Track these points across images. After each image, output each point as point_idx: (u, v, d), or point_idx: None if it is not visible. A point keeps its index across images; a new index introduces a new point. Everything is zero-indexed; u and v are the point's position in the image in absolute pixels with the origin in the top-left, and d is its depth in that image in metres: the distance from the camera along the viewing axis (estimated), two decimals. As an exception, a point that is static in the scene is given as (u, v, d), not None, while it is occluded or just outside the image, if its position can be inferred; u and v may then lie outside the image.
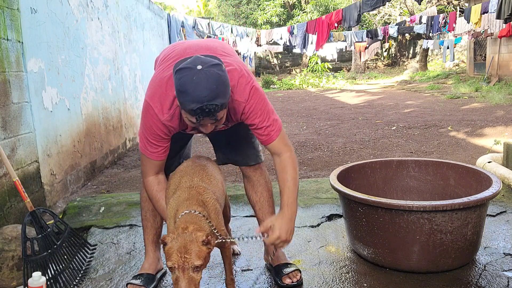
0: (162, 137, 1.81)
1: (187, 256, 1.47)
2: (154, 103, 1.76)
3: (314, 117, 8.96)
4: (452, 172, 2.52)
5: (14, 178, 2.26)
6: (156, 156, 1.86)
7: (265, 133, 1.84)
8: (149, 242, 2.15)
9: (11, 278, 2.16)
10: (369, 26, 22.83)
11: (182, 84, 1.54)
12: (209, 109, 1.53)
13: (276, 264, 2.09)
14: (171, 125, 1.78)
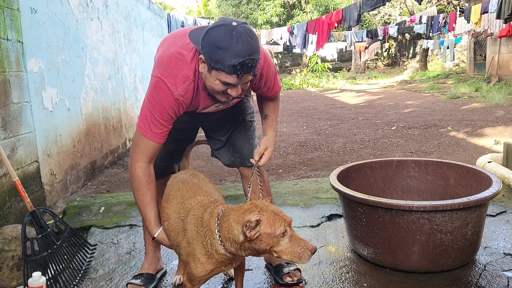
0: (171, 116, 1.76)
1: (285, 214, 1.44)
2: (167, 78, 1.71)
3: (314, 117, 8.96)
4: (452, 172, 2.52)
5: (14, 178, 2.26)
6: (158, 138, 1.79)
7: (272, 92, 2.00)
8: (149, 242, 2.14)
9: (11, 278, 2.16)
10: (369, 26, 22.83)
11: (221, 40, 1.51)
12: (250, 64, 1.53)
13: (276, 263, 2.09)
14: (184, 101, 1.74)
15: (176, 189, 1.75)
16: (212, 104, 1.86)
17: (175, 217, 1.65)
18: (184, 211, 1.63)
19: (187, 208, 1.63)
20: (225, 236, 1.47)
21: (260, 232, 1.38)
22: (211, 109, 1.92)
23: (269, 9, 24.58)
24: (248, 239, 1.40)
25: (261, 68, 1.80)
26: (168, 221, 1.68)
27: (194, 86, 1.74)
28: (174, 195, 1.73)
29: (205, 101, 1.82)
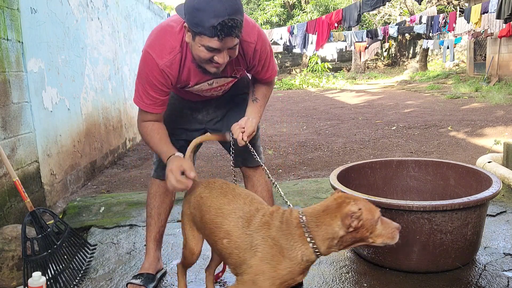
0: (159, 88, 1.77)
1: None
2: (153, 50, 1.73)
3: (314, 117, 8.96)
4: (452, 172, 2.52)
5: (14, 178, 2.26)
6: (152, 108, 1.81)
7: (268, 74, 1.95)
8: (151, 239, 2.15)
9: (11, 278, 2.16)
10: (369, 26, 22.83)
11: (199, 2, 1.50)
12: (231, 24, 1.50)
13: None
14: (170, 72, 1.75)
15: (227, 202, 1.60)
16: (204, 80, 1.84)
17: (239, 233, 1.51)
18: (249, 224, 1.51)
19: (253, 221, 1.51)
20: (322, 237, 1.41)
21: (364, 219, 1.39)
22: (205, 87, 1.89)
23: (269, 9, 24.59)
24: (351, 231, 1.39)
25: (254, 43, 1.78)
26: (229, 238, 1.53)
27: (181, 58, 1.74)
28: (229, 209, 1.57)
29: (196, 75, 1.80)
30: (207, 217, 1.61)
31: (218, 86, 1.94)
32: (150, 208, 2.16)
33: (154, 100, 1.81)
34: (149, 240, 2.15)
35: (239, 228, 1.51)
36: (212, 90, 1.95)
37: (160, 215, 2.15)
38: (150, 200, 2.16)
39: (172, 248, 2.49)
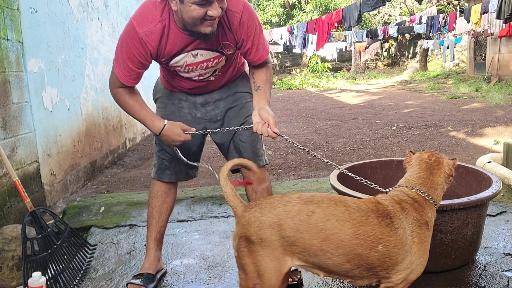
0: (137, 58, 1.79)
1: None
2: (135, 18, 1.77)
3: (314, 117, 8.96)
4: (452, 172, 2.52)
5: (14, 178, 2.26)
6: (125, 79, 1.85)
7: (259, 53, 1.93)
8: (151, 239, 2.15)
9: (11, 278, 2.16)
10: (369, 26, 22.83)
11: None
12: None
13: None
14: (149, 41, 1.76)
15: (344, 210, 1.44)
16: (187, 49, 1.82)
17: (388, 230, 1.43)
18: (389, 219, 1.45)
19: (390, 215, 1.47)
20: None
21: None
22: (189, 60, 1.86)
23: (269, 9, 24.59)
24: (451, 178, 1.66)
25: (240, 13, 1.81)
26: (381, 241, 1.41)
27: (162, 28, 1.76)
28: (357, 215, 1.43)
29: (178, 43, 1.79)
30: (338, 234, 1.40)
31: (204, 62, 1.89)
32: (151, 208, 2.16)
33: (129, 72, 1.83)
34: (150, 240, 2.15)
35: (385, 226, 1.43)
36: (199, 68, 1.91)
37: (161, 214, 2.15)
38: (152, 200, 2.16)
39: (172, 248, 2.49)
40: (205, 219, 2.93)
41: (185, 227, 2.80)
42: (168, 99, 2.10)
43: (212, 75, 2.00)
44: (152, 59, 1.85)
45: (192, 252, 2.44)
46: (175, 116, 2.07)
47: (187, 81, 2.00)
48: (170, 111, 2.09)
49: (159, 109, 2.13)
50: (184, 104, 2.09)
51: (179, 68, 1.91)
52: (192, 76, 1.97)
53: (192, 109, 2.09)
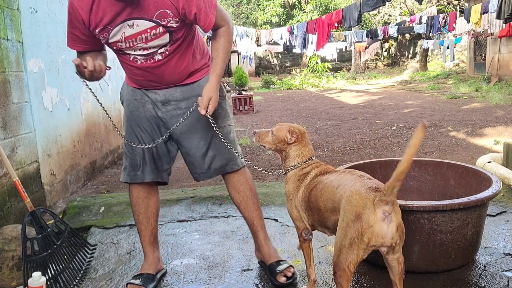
0: (74, 23, 1.82)
1: None
2: None
3: (314, 117, 8.96)
4: (452, 172, 2.52)
5: (14, 178, 2.26)
6: (72, 44, 1.90)
7: (209, 18, 1.80)
8: (146, 244, 2.14)
9: (11, 278, 2.16)
10: (369, 26, 22.84)
11: None
12: None
13: (269, 262, 2.09)
14: (80, 5, 1.76)
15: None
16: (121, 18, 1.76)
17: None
18: None
19: None
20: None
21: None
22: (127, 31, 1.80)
23: (269, 9, 24.60)
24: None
25: None
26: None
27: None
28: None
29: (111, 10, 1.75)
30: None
31: (142, 32, 1.79)
32: (136, 215, 2.14)
33: (72, 36, 1.87)
34: (145, 245, 2.14)
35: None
36: (139, 40, 1.81)
37: (148, 218, 2.13)
38: (134, 208, 2.13)
39: (172, 248, 2.49)
40: (205, 219, 2.93)
41: (185, 227, 2.80)
42: (132, 96, 2.07)
43: (158, 53, 1.87)
44: (86, 27, 1.82)
45: (192, 252, 2.44)
46: (139, 112, 2.03)
47: (138, 69, 1.93)
48: (134, 107, 2.05)
49: (126, 107, 2.10)
50: (147, 99, 2.04)
51: (121, 44, 1.85)
52: (137, 55, 1.87)
53: (154, 106, 2.03)
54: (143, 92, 2.03)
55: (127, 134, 2.08)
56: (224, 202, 3.21)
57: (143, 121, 2.04)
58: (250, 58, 16.63)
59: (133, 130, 2.06)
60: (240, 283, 2.07)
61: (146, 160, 2.05)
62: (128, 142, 2.04)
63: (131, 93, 2.06)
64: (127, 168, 2.09)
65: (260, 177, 4.42)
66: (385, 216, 1.49)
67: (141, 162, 2.05)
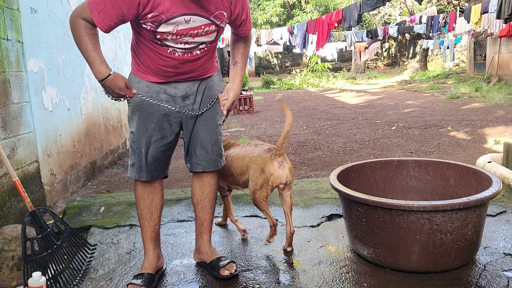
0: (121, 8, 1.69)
1: None
2: None
3: (314, 117, 8.96)
4: (452, 172, 2.52)
5: (14, 178, 2.26)
6: (98, 19, 1.72)
7: (246, 27, 2.02)
8: (147, 239, 2.15)
9: (11, 278, 2.16)
10: (369, 26, 22.83)
11: None
12: None
13: (210, 260, 2.15)
14: None
15: None
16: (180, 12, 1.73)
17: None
18: None
19: None
20: None
21: None
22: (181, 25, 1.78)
23: (269, 9, 24.59)
24: None
25: None
26: None
27: None
28: None
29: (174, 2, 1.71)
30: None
31: (196, 28, 1.81)
32: (140, 210, 2.15)
33: (106, 15, 1.71)
34: (146, 241, 2.15)
35: None
36: (189, 35, 1.83)
37: (152, 214, 2.14)
38: (139, 202, 2.15)
39: (172, 248, 2.49)
40: (205, 219, 2.93)
41: (185, 227, 2.80)
42: (146, 92, 1.98)
43: (199, 48, 1.91)
44: (136, 8, 1.70)
45: (192, 252, 2.44)
46: (154, 109, 2.00)
47: (174, 60, 1.90)
48: (149, 104, 1.99)
49: (138, 103, 2.00)
50: (162, 97, 2.00)
51: (166, 36, 1.81)
52: (178, 48, 1.87)
53: (170, 102, 2.01)
54: (160, 88, 1.99)
55: (140, 130, 2.03)
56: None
57: (155, 119, 2.02)
58: (250, 58, 16.63)
59: (145, 127, 2.02)
60: (240, 283, 2.07)
61: (151, 160, 2.06)
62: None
63: (146, 89, 1.99)
64: (135, 164, 2.07)
65: (260, 177, 4.42)
66: (279, 165, 2.17)
67: (146, 161, 2.06)
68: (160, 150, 2.06)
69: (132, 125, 2.06)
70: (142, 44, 1.90)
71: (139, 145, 2.04)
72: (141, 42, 1.89)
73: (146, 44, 1.89)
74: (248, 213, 2.97)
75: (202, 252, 2.21)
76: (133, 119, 2.04)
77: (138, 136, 2.04)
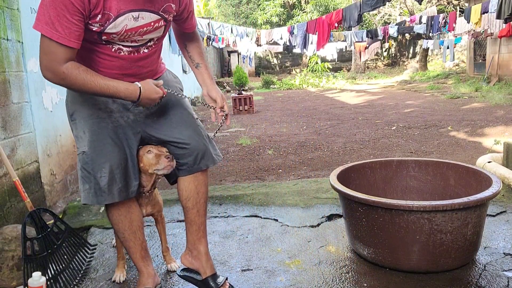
0: (76, 7, 1.49)
1: None
2: None
3: (314, 117, 8.96)
4: (452, 172, 2.52)
5: (14, 178, 2.26)
6: (68, 39, 1.50)
7: (191, 23, 1.91)
8: (138, 260, 1.97)
9: (11, 278, 2.16)
10: (369, 26, 22.83)
11: None
12: None
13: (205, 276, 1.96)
14: None
15: None
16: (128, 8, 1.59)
17: None
18: None
19: None
20: None
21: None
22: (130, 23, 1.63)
23: (269, 9, 24.60)
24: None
25: None
26: None
27: None
28: None
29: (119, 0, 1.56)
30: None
31: (145, 26, 1.67)
32: (121, 234, 1.93)
33: (69, 27, 1.48)
34: (137, 262, 1.97)
35: None
36: (138, 34, 1.68)
37: (135, 233, 1.93)
38: (117, 227, 1.91)
39: (172, 248, 2.49)
40: (205, 219, 2.93)
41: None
42: (93, 105, 1.76)
43: (146, 45, 1.75)
44: (86, 13, 1.51)
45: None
46: (107, 123, 1.78)
47: (119, 60, 1.71)
48: (99, 117, 1.76)
49: (83, 121, 1.77)
50: (113, 107, 1.78)
51: (115, 36, 1.64)
52: (123, 46, 1.69)
53: (123, 112, 1.80)
54: (107, 99, 1.77)
55: (93, 150, 1.76)
56: (224, 202, 3.21)
57: (111, 134, 1.78)
58: (250, 58, 16.62)
59: (100, 145, 1.76)
60: (240, 283, 2.07)
61: (116, 178, 1.78)
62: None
63: (92, 102, 1.76)
64: (92, 189, 1.77)
65: (260, 177, 4.43)
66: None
67: (109, 181, 1.76)
68: (121, 166, 1.80)
69: (86, 144, 1.77)
70: (83, 50, 1.65)
71: (92, 165, 1.76)
72: (82, 47, 1.62)
73: (88, 47, 1.67)
74: (248, 213, 2.97)
75: (199, 261, 1.98)
76: (88, 137, 1.77)
77: (93, 156, 1.76)
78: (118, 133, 1.80)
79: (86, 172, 1.77)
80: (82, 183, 1.80)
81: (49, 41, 1.55)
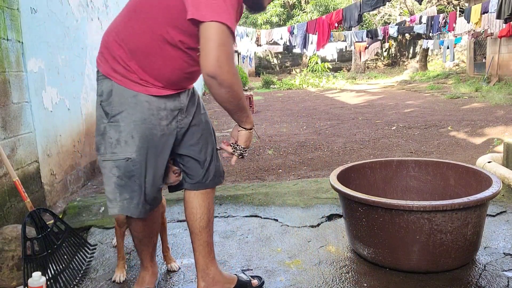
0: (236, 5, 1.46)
1: None
2: None
3: (314, 117, 8.96)
4: (452, 172, 2.52)
5: (14, 178, 2.26)
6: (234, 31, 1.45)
7: None
8: (147, 259, 1.99)
9: (11, 278, 2.16)
10: (369, 26, 22.84)
11: None
12: None
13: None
14: None
15: None
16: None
17: None
18: None
19: None
20: None
21: None
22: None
23: (269, 9, 24.59)
24: None
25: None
26: None
27: None
28: None
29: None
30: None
31: None
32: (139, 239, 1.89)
33: (234, 18, 1.45)
34: (146, 261, 1.98)
35: None
36: None
37: (152, 238, 1.94)
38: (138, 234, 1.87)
39: (172, 248, 2.49)
40: (205, 219, 2.93)
41: (185, 227, 2.80)
42: (148, 109, 1.59)
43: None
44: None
45: (192, 252, 2.42)
46: (157, 130, 1.62)
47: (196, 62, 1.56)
48: (151, 124, 1.60)
49: (133, 124, 1.59)
50: (162, 115, 1.62)
51: None
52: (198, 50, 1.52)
53: (169, 119, 1.65)
54: (161, 103, 1.62)
55: (143, 157, 1.62)
56: (224, 202, 3.21)
57: (158, 142, 1.65)
58: (250, 58, 16.63)
59: (149, 153, 1.64)
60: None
61: (147, 192, 1.68)
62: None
63: (146, 106, 1.58)
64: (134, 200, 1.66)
65: (260, 177, 4.43)
66: None
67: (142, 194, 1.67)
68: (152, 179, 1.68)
69: (127, 150, 1.61)
70: (172, 49, 1.53)
71: (141, 174, 1.64)
72: (173, 46, 1.52)
73: (178, 48, 1.54)
74: (248, 213, 2.97)
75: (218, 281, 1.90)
76: (128, 142, 1.60)
77: (140, 164, 1.63)
78: (162, 142, 1.65)
79: (128, 180, 1.63)
80: (118, 192, 1.64)
81: (228, 31, 1.41)
